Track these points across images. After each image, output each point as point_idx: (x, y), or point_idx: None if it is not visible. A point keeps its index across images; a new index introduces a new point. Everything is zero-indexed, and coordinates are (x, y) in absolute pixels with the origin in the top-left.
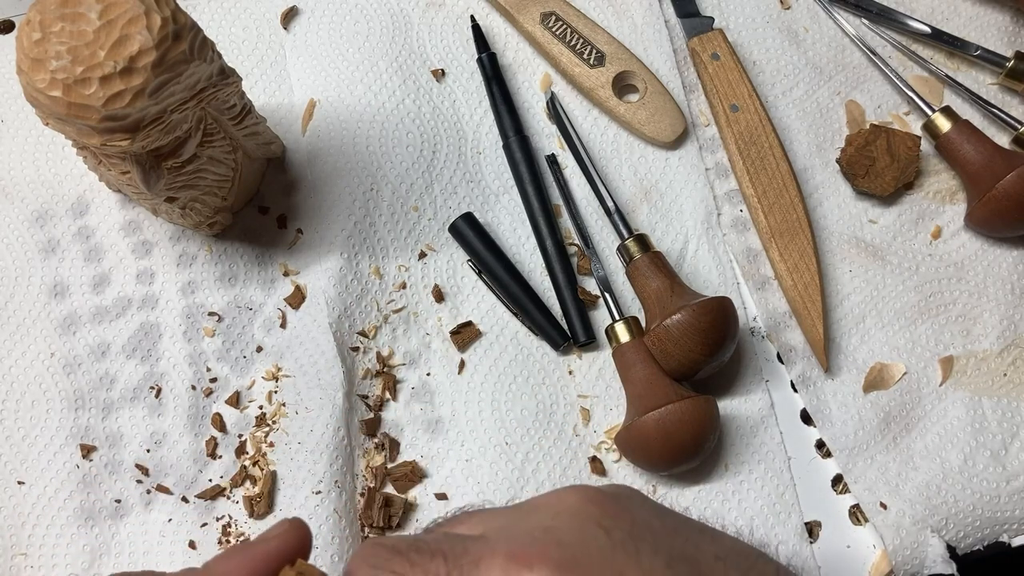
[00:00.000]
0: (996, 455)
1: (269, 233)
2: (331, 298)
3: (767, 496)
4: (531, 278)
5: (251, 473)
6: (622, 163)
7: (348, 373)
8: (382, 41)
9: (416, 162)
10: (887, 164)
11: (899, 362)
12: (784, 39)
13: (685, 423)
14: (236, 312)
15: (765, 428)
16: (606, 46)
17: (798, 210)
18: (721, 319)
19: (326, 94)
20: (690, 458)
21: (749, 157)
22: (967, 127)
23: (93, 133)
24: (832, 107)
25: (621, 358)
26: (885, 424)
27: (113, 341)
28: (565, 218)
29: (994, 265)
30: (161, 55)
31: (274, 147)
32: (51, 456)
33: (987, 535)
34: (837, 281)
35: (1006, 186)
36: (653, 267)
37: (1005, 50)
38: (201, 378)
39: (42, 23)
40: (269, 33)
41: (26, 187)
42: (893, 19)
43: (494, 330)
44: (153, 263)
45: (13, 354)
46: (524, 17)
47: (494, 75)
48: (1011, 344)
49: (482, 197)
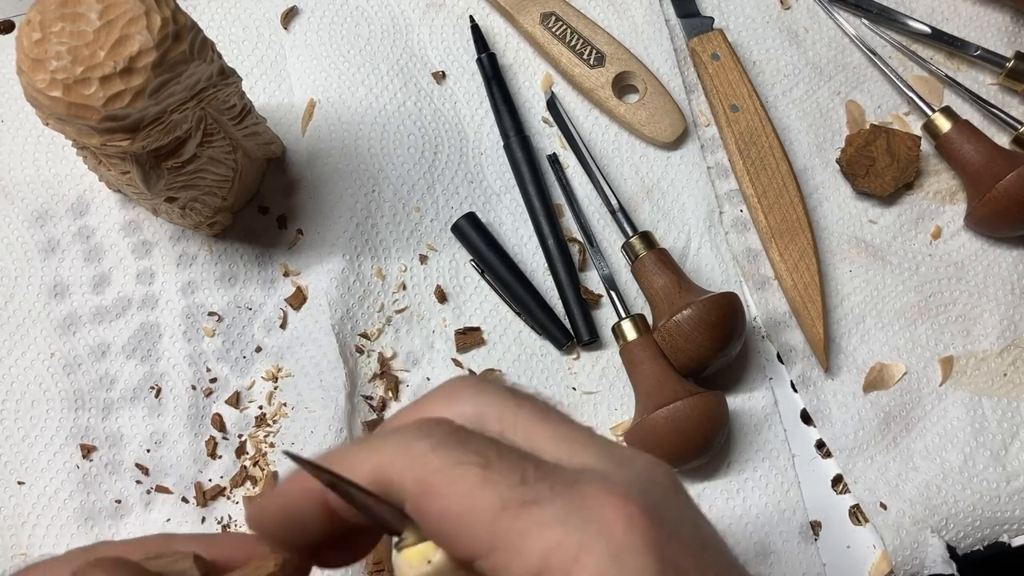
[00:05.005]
0: (996, 455)
1: (269, 233)
2: (333, 299)
3: (771, 494)
4: (533, 277)
5: (251, 474)
6: (623, 162)
7: (351, 374)
8: (382, 41)
9: (417, 163)
10: (887, 164)
11: (899, 362)
12: (784, 39)
13: (695, 419)
14: (236, 312)
15: (769, 426)
16: (606, 46)
17: (798, 210)
18: (731, 314)
19: (326, 94)
20: (700, 454)
21: (749, 157)
22: (967, 127)
23: (93, 133)
24: (832, 107)
25: (629, 355)
26: (885, 424)
27: (113, 341)
28: (567, 217)
29: (994, 265)
30: (161, 55)
31: (274, 147)
32: (51, 456)
33: (987, 535)
34: (837, 281)
35: (1006, 186)
36: (659, 264)
37: (1005, 50)
38: (201, 378)
39: (42, 23)
40: (269, 33)
41: (26, 187)
42: (893, 19)
43: (497, 330)
44: (153, 263)
45: (13, 354)
46: (524, 17)
47: (494, 75)
48: (1011, 344)
49: (484, 197)
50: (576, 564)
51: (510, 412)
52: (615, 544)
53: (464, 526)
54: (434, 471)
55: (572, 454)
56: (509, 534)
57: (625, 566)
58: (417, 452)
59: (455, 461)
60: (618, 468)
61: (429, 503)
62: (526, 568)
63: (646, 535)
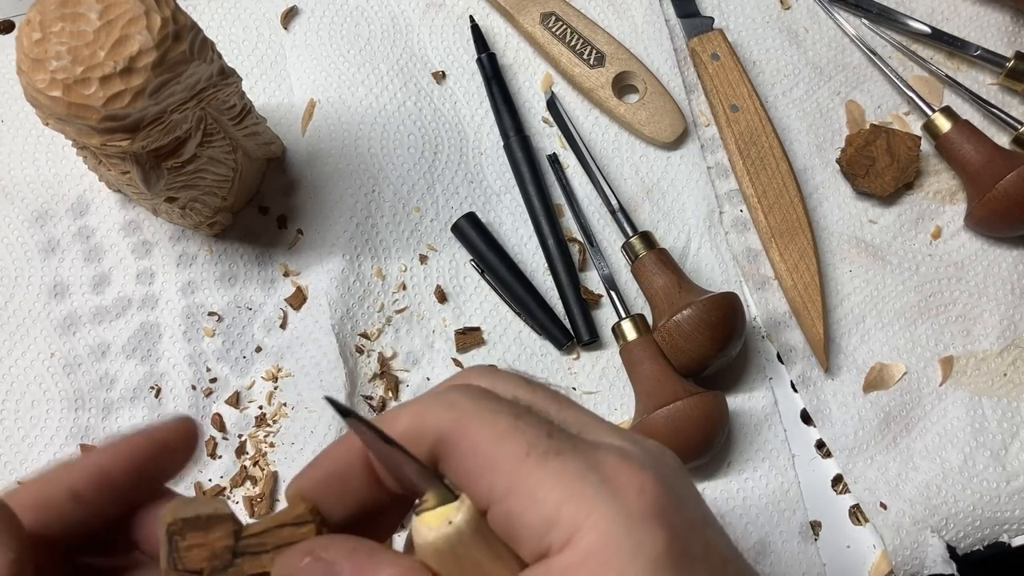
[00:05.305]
0: (996, 455)
1: (269, 233)
2: (333, 299)
3: (771, 494)
4: (533, 278)
5: (251, 474)
6: (623, 162)
7: (351, 374)
8: (382, 41)
9: (417, 163)
10: (887, 164)
11: (899, 362)
12: (784, 39)
13: (695, 419)
14: (236, 312)
15: (769, 426)
16: (606, 46)
17: (798, 210)
18: (731, 314)
19: (326, 94)
20: (700, 454)
21: (749, 157)
22: (967, 127)
23: (93, 133)
24: (832, 107)
25: (629, 355)
26: (885, 424)
27: (113, 341)
28: (567, 217)
29: (994, 265)
30: (161, 55)
31: (274, 147)
32: (51, 456)
33: (987, 535)
34: (837, 281)
35: (1006, 186)
36: (659, 264)
37: (1005, 50)
38: (201, 378)
39: (42, 23)
40: (269, 33)
41: (26, 187)
42: (893, 19)
43: (497, 330)
44: (153, 263)
45: (13, 354)
46: (524, 17)
47: (494, 75)
48: (1011, 344)
49: (484, 197)
50: (587, 520)
51: (525, 395)
52: (627, 508)
53: (488, 467)
54: (468, 413)
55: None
56: (528, 481)
57: (634, 529)
58: (453, 399)
59: (489, 408)
60: (632, 445)
61: (459, 440)
62: (539, 517)
63: (657, 502)
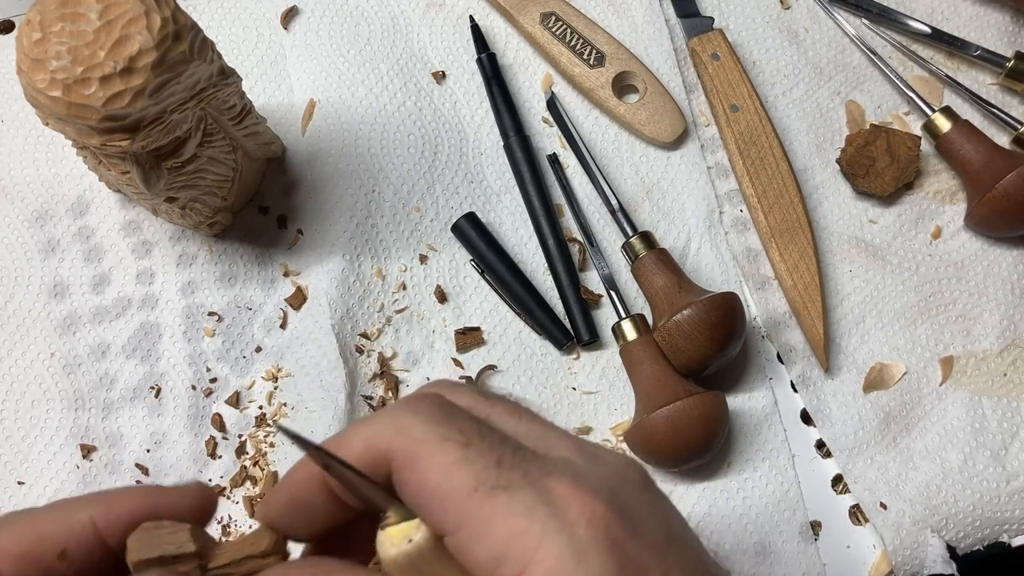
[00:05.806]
0: (996, 455)
1: (269, 233)
2: (333, 299)
3: (771, 494)
4: (533, 278)
5: (251, 474)
6: (623, 162)
7: (351, 374)
8: (382, 41)
9: (417, 163)
10: (887, 164)
11: (899, 362)
12: (784, 39)
13: (695, 419)
14: (236, 312)
15: (769, 426)
16: (606, 46)
17: (798, 210)
18: (731, 314)
19: (326, 94)
20: (700, 454)
21: (749, 157)
22: (967, 127)
23: (93, 133)
24: (832, 107)
25: (629, 355)
26: (885, 424)
27: (113, 341)
28: (567, 217)
29: (994, 265)
30: (161, 55)
31: (274, 147)
32: (51, 456)
33: (987, 535)
34: (837, 281)
35: (1006, 186)
36: (659, 264)
37: (1005, 50)
38: (201, 378)
39: (42, 23)
40: (269, 33)
41: (26, 187)
42: (893, 19)
43: (497, 330)
44: (153, 263)
45: (13, 354)
46: (524, 17)
47: (494, 75)
48: (1011, 344)
49: (484, 197)
50: (536, 555)
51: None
52: (576, 540)
53: (438, 501)
54: (418, 442)
55: (547, 449)
56: (477, 516)
57: (583, 562)
58: (404, 424)
59: (439, 436)
60: (590, 464)
61: (410, 473)
62: (488, 552)
63: (608, 533)
